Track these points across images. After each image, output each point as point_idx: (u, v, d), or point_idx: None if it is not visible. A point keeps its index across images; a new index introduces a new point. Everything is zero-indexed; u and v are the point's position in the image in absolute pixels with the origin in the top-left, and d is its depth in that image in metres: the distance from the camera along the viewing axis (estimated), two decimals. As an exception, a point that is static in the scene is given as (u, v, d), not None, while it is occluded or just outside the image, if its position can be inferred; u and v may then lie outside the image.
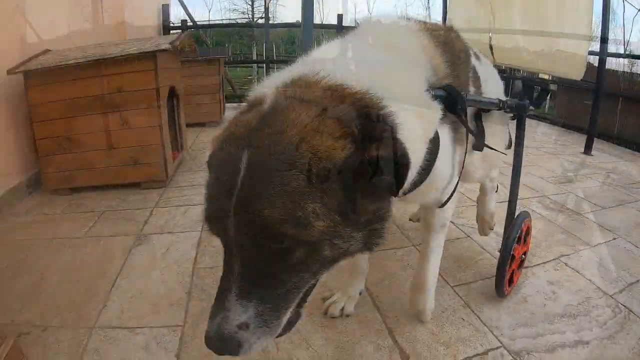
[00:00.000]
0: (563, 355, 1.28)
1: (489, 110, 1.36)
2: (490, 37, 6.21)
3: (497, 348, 1.29)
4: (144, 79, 2.54)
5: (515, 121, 1.55)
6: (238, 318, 0.71)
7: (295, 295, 0.76)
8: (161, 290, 1.63)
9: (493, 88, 1.46)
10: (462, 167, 1.20)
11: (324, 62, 0.91)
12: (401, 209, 2.20)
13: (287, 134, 0.71)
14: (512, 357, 1.25)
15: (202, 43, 7.01)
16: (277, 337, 0.78)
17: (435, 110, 0.94)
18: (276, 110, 0.75)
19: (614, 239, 2.11)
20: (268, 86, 0.85)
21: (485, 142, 1.32)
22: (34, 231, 2.20)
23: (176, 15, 6.71)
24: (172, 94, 2.87)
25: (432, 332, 1.35)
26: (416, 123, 0.87)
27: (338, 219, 0.71)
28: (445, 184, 1.14)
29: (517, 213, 1.58)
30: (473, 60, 1.37)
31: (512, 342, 1.31)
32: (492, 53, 6.41)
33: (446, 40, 1.18)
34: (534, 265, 1.79)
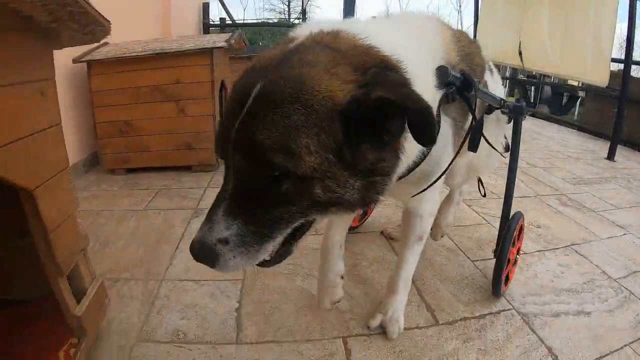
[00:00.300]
0: (566, 321, 1.48)
1: (490, 112, 1.45)
2: (520, 43, 6.31)
3: (508, 310, 1.52)
4: (200, 73, 2.83)
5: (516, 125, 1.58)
6: (220, 232, 0.74)
7: (281, 226, 0.77)
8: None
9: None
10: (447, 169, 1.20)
11: (364, 27, 0.90)
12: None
13: (300, 71, 0.73)
14: (521, 317, 1.48)
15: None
16: (264, 266, 0.83)
17: (437, 95, 0.97)
18: (299, 50, 0.79)
19: (624, 234, 2.28)
20: (305, 28, 0.89)
21: (483, 142, 1.36)
22: (96, 203, 2.47)
23: (215, 13, 7.06)
24: (222, 86, 3.16)
25: (453, 293, 1.59)
26: (431, 97, 0.90)
27: (333, 159, 0.72)
28: (434, 174, 1.14)
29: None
30: (487, 74, 1.44)
31: (522, 306, 1.54)
32: (521, 58, 6.51)
33: (469, 50, 1.23)
34: (547, 250, 2.00)
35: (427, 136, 0.72)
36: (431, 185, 1.09)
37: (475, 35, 8.21)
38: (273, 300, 1.52)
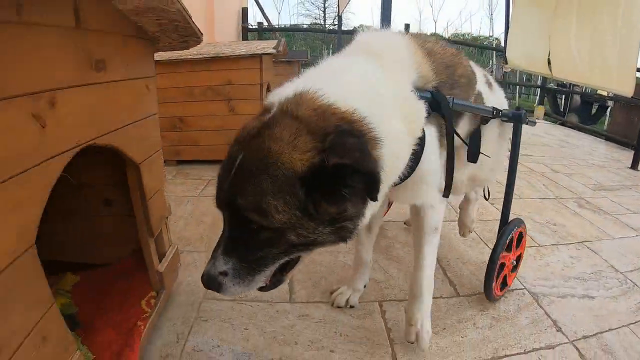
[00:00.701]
0: (571, 301, 1.71)
1: (487, 122, 1.47)
2: (549, 52, 6.40)
3: (520, 289, 1.76)
4: (250, 75, 3.15)
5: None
6: (220, 267, 0.92)
7: (267, 263, 0.94)
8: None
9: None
10: (453, 165, 1.27)
11: (325, 78, 1.02)
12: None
13: (268, 145, 0.87)
14: (531, 295, 1.72)
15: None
16: (262, 291, 1.02)
17: (421, 111, 1.07)
18: (269, 124, 0.91)
19: (637, 235, 2.46)
20: (279, 95, 0.99)
21: (481, 153, 1.43)
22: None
23: (253, 17, 7.43)
24: (267, 88, 3.47)
25: (473, 273, 1.84)
26: (401, 128, 1.01)
27: (299, 214, 0.86)
28: (432, 181, 1.22)
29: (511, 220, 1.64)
30: (480, 85, 1.47)
31: (533, 287, 1.78)
32: (550, 67, 6.60)
33: (449, 62, 1.28)
34: (560, 244, 2.22)
35: (373, 195, 0.88)
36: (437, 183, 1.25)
37: (506, 44, 8.33)
38: (320, 272, 1.81)
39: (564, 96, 9.19)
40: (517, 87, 13.89)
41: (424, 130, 1.09)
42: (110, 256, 1.69)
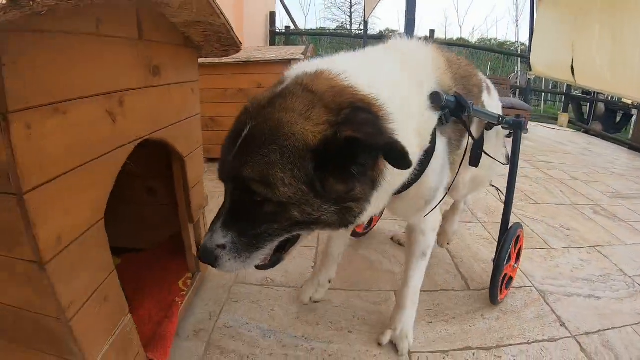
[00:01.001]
0: (577, 300, 1.80)
1: (490, 128, 1.56)
2: (572, 59, 6.38)
3: (528, 286, 1.87)
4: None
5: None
6: (218, 239, 0.89)
7: (267, 240, 0.91)
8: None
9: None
10: (449, 188, 1.30)
11: (351, 64, 1.00)
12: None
13: (279, 115, 0.84)
14: (538, 292, 1.82)
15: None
16: (260, 269, 1.00)
17: (432, 122, 1.07)
18: (282, 94, 0.89)
19: (650, 243, 2.53)
20: (297, 69, 0.99)
21: (484, 156, 1.52)
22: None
23: (280, 21, 7.65)
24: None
25: (484, 270, 1.96)
26: (414, 131, 0.99)
27: (305, 189, 0.83)
28: (433, 194, 1.22)
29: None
30: (484, 95, 1.54)
31: (541, 285, 1.88)
32: (574, 74, 6.58)
33: (465, 73, 1.33)
34: (572, 248, 2.31)
35: (400, 163, 0.81)
36: (436, 204, 1.24)
37: (530, 51, 8.31)
38: (340, 263, 1.95)
39: (588, 104, 9.10)
40: (543, 94, 13.75)
41: (433, 141, 1.08)
42: (149, 241, 1.87)
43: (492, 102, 1.64)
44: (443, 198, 1.26)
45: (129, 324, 1.08)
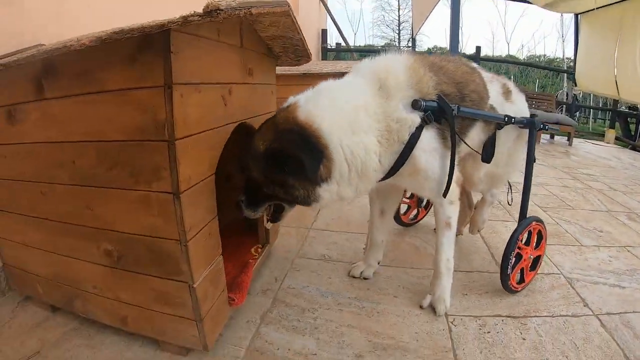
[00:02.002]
0: (602, 287, 1.97)
1: (501, 127, 1.72)
2: (615, 75, 6.41)
3: (557, 274, 2.07)
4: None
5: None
6: (241, 196, 1.45)
7: (258, 203, 1.44)
8: (350, 217, 2.70)
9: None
10: (452, 170, 1.49)
11: (310, 96, 1.39)
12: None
13: (258, 133, 1.37)
14: (565, 279, 2.02)
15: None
16: (271, 221, 1.61)
17: (408, 122, 1.38)
18: (268, 120, 1.41)
19: (683, 247, 2.64)
20: (289, 100, 1.42)
21: (502, 154, 1.79)
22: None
23: (331, 37, 8.07)
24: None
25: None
26: (362, 139, 1.34)
27: (263, 177, 1.35)
28: (432, 178, 1.51)
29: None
30: (493, 101, 1.73)
31: (569, 274, 2.08)
32: (618, 89, 6.57)
33: (460, 79, 1.57)
34: (602, 246, 2.47)
35: (305, 173, 1.30)
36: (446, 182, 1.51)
37: (575, 67, 8.32)
38: (390, 247, 2.22)
39: (635, 120, 8.91)
40: (591, 111, 13.46)
41: (416, 135, 1.38)
42: (227, 218, 2.23)
43: (511, 105, 1.83)
44: (451, 176, 1.49)
45: (220, 262, 1.41)
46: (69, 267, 1.40)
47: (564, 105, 9.51)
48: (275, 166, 1.29)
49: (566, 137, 7.61)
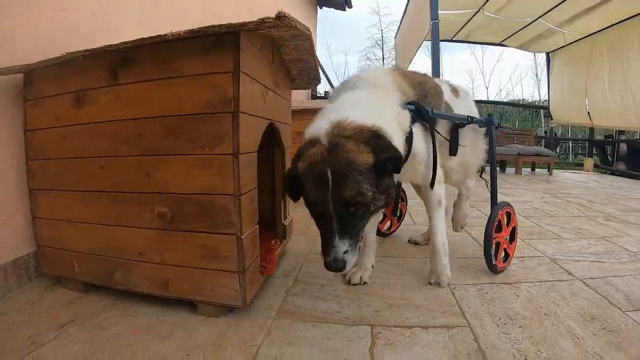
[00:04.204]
0: (584, 263, 2.20)
1: (463, 126, 1.99)
2: (586, 104, 6.97)
3: (541, 256, 2.32)
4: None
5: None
6: (342, 248, 1.31)
7: (360, 232, 1.39)
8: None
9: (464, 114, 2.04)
10: (436, 158, 1.72)
11: (345, 109, 1.45)
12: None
13: (347, 156, 1.31)
14: (550, 259, 2.27)
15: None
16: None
17: (407, 116, 1.60)
18: (333, 144, 1.34)
19: (656, 237, 2.90)
20: (316, 129, 1.43)
21: (468, 148, 2.05)
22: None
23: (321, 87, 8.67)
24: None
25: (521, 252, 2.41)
26: (398, 130, 1.51)
27: (374, 190, 1.35)
28: (423, 162, 1.72)
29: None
30: (447, 98, 2.01)
31: (552, 256, 2.33)
32: (590, 118, 7.09)
33: (419, 80, 1.84)
34: (582, 239, 2.74)
35: (397, 169, 1.41)
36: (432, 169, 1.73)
37: (549, 101, 8.96)
38: (389, 245, 2.46)
39: (610, 147, 9.43)
40: (570, 144, 14.12)
41: (411, 128, 1.60)
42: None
43: (460, 102, 2.18)
44: (436, 165, 1.73)
45: (256, 230, 1.60)
46: (116, 237, 1.61)
47: (543, 140, 10.06)
48: (386, 171, 1.39)
49: (546, 169, 8.04)
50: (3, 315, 1.55)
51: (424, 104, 1.71)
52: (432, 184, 1.75)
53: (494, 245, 1.96)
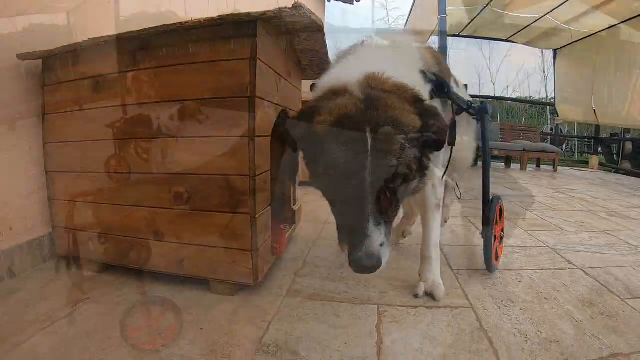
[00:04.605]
0: (584, 254, 2.25)
1: (460, 113, 1.69)
2: (592, 101, 6.97)
3: (543, 247, 2.38)
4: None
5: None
6: (378, 239, 0.97)
7: (395, 215, 1.08)
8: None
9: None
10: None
11: (376, 63, 1.18)
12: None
13: (392, 114, 1.02)
14: (551, 249, 2.32)
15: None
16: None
17: (427, 88, 1.36)
18: (372, 96, 1.04)
19: (658, 232, 2.95)
20: (340, 78, 1.15)
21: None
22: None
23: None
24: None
25: (523, 242, 2.48)
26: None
27: (417, 164, 1.06)
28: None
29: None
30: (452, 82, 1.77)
31: (553, 246, 2.39)
32: (596, 116, 7.09)
33: (437, 55, 1.73)
34: (584, 232, 2.80)
35: (441, 144, 1.12)
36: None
37: (555, 100, 8.96)
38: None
39: (616, 145, 9.40)
40: (576, 142, 14.06)
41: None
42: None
43: (459, 92, 1.87)
44: (451, 157, 1.56)
45: (269, 212, 1.68)
46: (131, 217, 1.67)
47: (549, 137, 10.06)
48: (431, 143, 1.10)
49: (551, 165, 8.05)
50: (19, 292, 1.63)
51: None
52: (444, 173, 1.59)
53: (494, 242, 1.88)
